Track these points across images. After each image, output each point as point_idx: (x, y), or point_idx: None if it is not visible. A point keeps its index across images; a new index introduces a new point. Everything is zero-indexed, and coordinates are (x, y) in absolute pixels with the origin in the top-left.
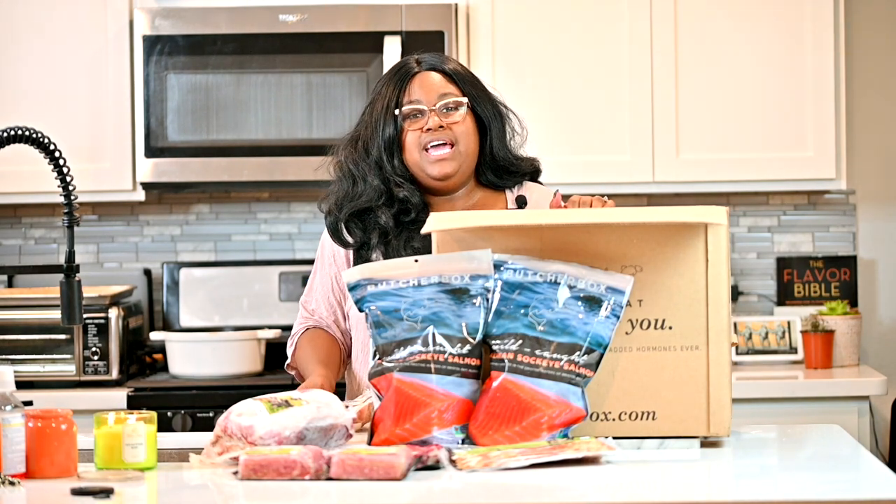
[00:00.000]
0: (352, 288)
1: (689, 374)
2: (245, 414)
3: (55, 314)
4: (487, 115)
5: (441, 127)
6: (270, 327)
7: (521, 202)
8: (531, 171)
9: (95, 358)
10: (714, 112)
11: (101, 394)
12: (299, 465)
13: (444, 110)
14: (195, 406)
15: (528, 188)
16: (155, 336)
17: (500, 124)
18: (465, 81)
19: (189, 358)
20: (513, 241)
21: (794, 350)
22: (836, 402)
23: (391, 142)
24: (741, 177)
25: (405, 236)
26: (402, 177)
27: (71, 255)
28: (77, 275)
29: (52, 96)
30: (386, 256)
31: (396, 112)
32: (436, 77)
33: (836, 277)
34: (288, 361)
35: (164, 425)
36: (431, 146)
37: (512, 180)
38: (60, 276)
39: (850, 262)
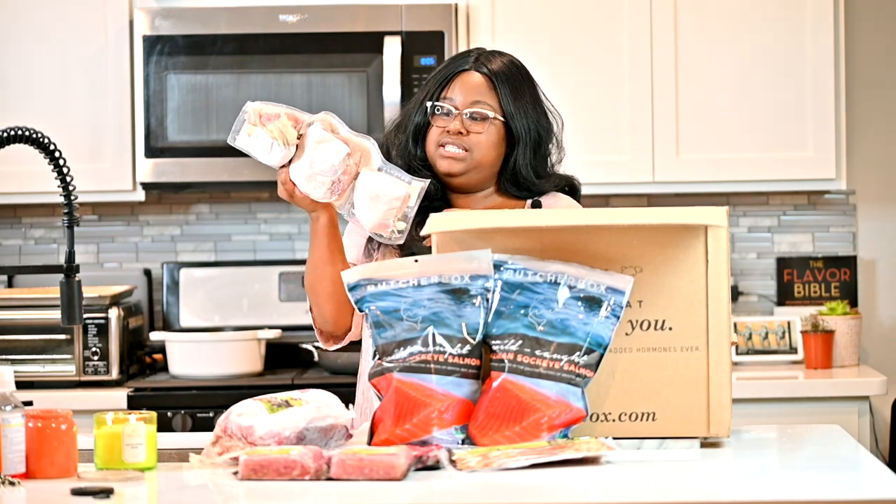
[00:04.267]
0: (351, 288)
1: (689, 374)
2: (245, 414)
3: (55, 314)
4: (521, 131)
5: (460, 133)
6: (270, 327)
7: (536, 206)
8: (561, 188)
9: (95, 358)
10: (714, 112)
11: (101, 394)
12: (299, 465)
13: (471, 118)
14: (195, 406)
15: (554, 197)
16: (155, 336)
17: (532, 142)
18: (508, 93)
19: (189, 358)
20: (513, 242)
21: (794, 350)
22: (836, 402)
23: (418, 130)
24: (741, 177)
25: (417, 219)
26: (422, 165)
27: (71, 255)
28: (77, 275)
29: (52, 96)
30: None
31: (428, 104)
32: (478, 80)
33: (836, 277)
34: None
35: (164, 425)
36: (447, 145)
37: (531, 195)
38: (60, 276)
39: (850, 262)
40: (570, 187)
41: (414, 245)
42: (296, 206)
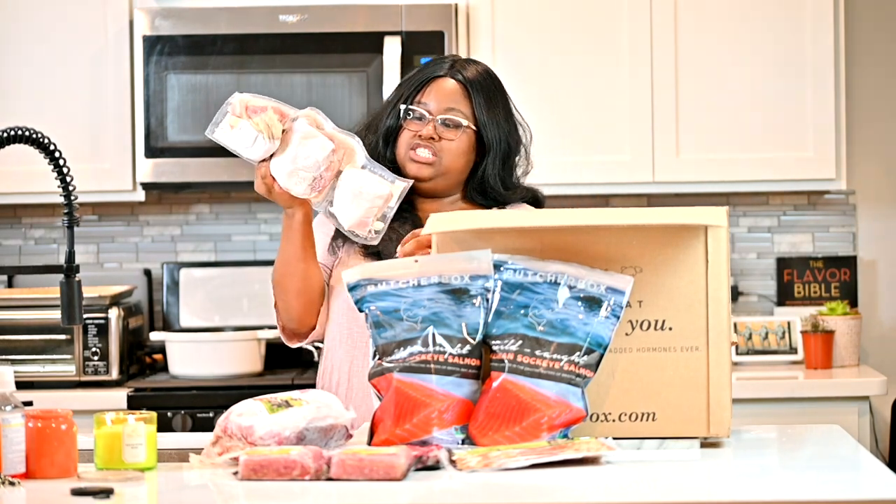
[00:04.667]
0: (351, 288)
1: (689, 375)
2: (245, 414)
3: (55, 314)
4: (492, 141)
5: (432, 138)
6: (270, 327)
7: None
8: (527, 200)
9: (95, 358)
10: (714, 112)
11: (101, 394)
12: (299, 465)
13: (444, 125)
14: (195, 406)
15: (520, 207)
16: (155, 336)
17: (502, 153)
18: (482, 103)
19: (189, 358)
20: (513, 242)
21: (794, 350)
22: (836, 402)
23: (389, 133)
24: (741, 177)
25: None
26: (390, 168)
27: (71, 256)
28: (77, 275)
29: (52, 96)
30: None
31: (402, 108)
32: (453, 87)
33: (836, 277)
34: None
35: (164, 425)
36: (417, 149)
37: (496, 204)
38: (60, 276)
39: (850, 263)
40: (534, 199)
41: (381, 245)
42: (272, 201)
